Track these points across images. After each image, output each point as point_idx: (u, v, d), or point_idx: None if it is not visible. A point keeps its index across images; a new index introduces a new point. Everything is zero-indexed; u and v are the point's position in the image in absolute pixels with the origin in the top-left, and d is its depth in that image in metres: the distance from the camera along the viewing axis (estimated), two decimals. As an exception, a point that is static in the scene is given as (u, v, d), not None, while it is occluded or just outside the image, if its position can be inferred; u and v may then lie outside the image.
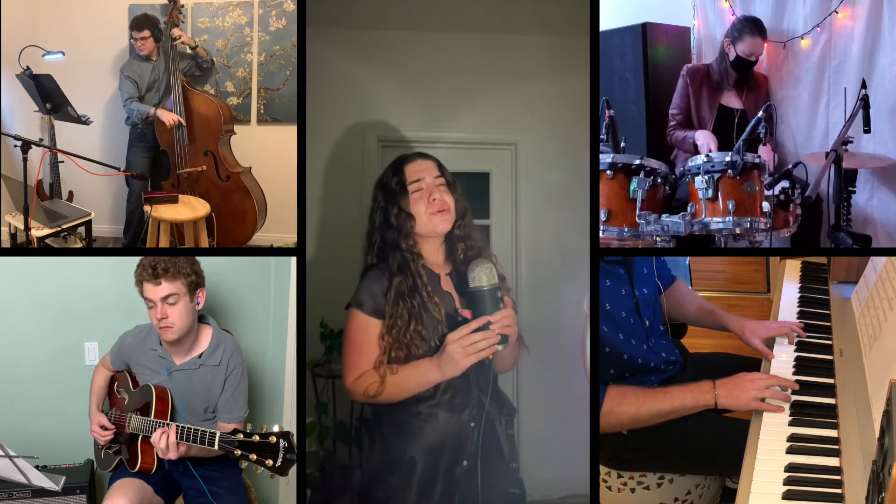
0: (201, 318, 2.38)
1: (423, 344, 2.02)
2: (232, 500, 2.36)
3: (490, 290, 1.94)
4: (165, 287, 2.20)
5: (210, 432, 2.03)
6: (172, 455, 2.11)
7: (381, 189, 2.16)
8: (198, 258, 2.35)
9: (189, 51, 3.69)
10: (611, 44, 3.67)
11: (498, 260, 2.12)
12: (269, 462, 1.96)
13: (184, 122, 3.55)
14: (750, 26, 3.22)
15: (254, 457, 1.96)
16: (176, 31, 3.59)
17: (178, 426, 2.12)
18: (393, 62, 3.32)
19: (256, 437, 1.97)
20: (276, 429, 1.99)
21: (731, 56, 3.27)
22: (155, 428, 2.18)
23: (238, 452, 1.97)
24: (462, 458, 2.04)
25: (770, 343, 2.20)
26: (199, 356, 2.32)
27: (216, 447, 2.01)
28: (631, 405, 1.97)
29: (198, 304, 2.30)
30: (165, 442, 2.10)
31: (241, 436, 1.98)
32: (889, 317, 1.90)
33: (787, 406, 1.83)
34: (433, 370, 1.97)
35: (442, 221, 2.10)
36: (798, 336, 2.18)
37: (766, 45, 3.29)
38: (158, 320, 2.23)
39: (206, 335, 2.36)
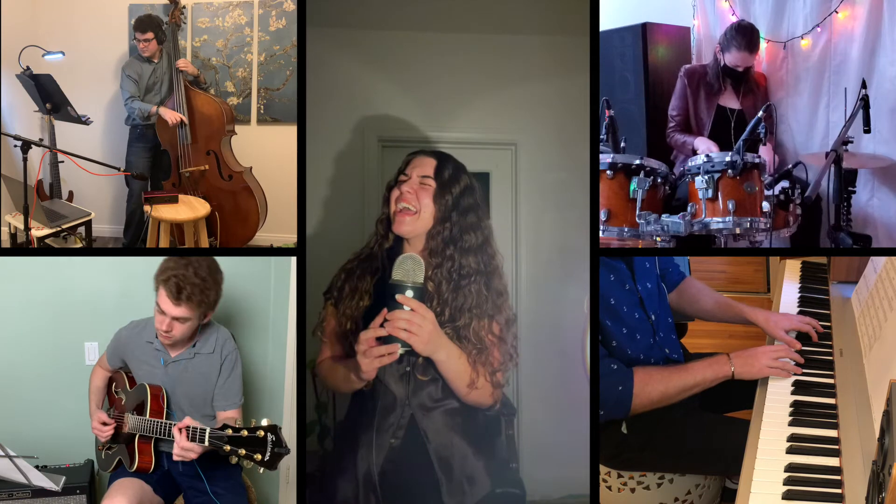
0: None
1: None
2: (232, 500, 2.36)
3: (408, 288, 1.80)
4: (184, 310, 2.20)
5: (200, 429, 2.03)
6: (192, 456, 2.07)
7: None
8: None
9: (192, 77, 3.68)
10: (611, 44, 3.67)
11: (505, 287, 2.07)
12: (258, 456, 1.96)
13: (186, 121, 3.55)
14: (737, 39, 3.18)
15: (243, 451, 1.96)
16: (182, 62, 3.59)
17: (189, 429, 2.07)
18: (393, 62, 3.32)
19: (245, 432, 1.97)
20: (264, 423, 1.99)
21: (721, 63, 3.28)
22: (151, 427, 2.20)
23: (227, 448, 1.97)
24: (374, 474, 2.00)
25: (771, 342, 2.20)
26: (193, 346, 2.34)
27: (206, 443, 2.01)
28: (658, 383, 2.02)
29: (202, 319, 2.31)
30: (180, 449, 2.05)
31: (229, 431, 1.98)
32: (889, 317, 1.89)
33: (788, 405, 1.84)
34: (351, 370, 1.92)
35: (401, 223, 2.02)
36: (811, 335, 2.18)
37: (755, 56, 3.26)
38: (163, 330, 2.24)
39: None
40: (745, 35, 3.19)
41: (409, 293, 1.79)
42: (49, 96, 3.52)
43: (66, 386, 2.83)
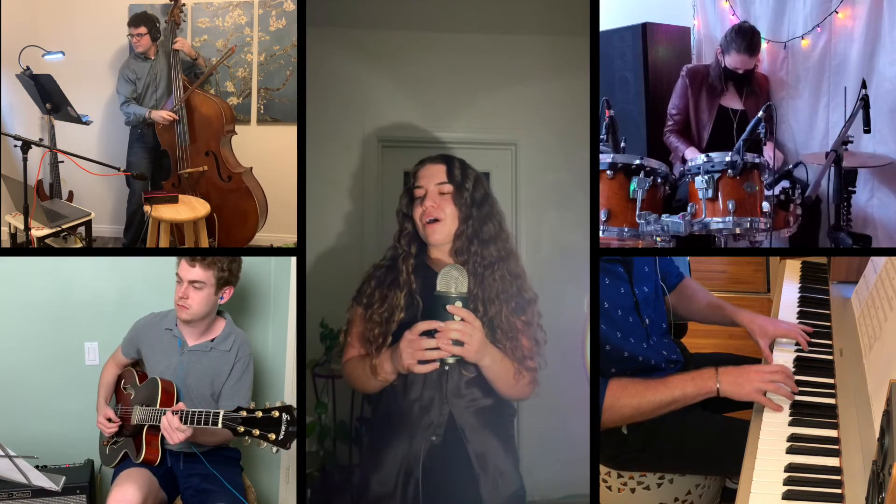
0: (218, 312, 2.45)
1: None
2: (231, 500, 2.36)
3: (454, 298, 1.84)
4: (197, 272, 2.30)
5: (213, 412, 2.07)
6: (179, 437, 2.12)
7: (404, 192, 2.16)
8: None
9: (190, 60, 3.68)
10: (611, 44, 3.67)
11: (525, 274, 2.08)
12: (272, 436, 1.99)
13: (175, 117, 3.53)
14: (737, 42, 3.18)
15: (256, 432, 2.00)
16: (179, 40, 3.58)
17: (180, 412, 2.13)
18: (393, 62, 3.32)
19: (259, 413, 2.01)
20: (278, 403, 2.03)
21: (722, 64, 3.27)
22: (160, 416, 2.20)
23: (241, 429, 2.01)
24: (415, 471, 2.00)
25: (771, 343, 2.19)
26: (212, 340, 2.40)
27: (220, 425, 2.04)
28: (632, 397, 1.96)
29: (221, 298, 2.38)
30: (167, 424, 2.12)
31: (244, 413, 2.02)
32: (889, 317, 1.90)
33: (787, 405, 1.83)
34: (386, 360, 1.95)
35: (433, 232, 2.04)
36: (800, 343, 2.16)
37: (755, 59, 3.25)
38: (179, 298, 2.32)
39: (221, 324, 2.45)
40: (744, 38, 3.18)
41: (458, 304, 1.84)
42: (49, 96, 3.52)
43: (67, 386, 2.83)
